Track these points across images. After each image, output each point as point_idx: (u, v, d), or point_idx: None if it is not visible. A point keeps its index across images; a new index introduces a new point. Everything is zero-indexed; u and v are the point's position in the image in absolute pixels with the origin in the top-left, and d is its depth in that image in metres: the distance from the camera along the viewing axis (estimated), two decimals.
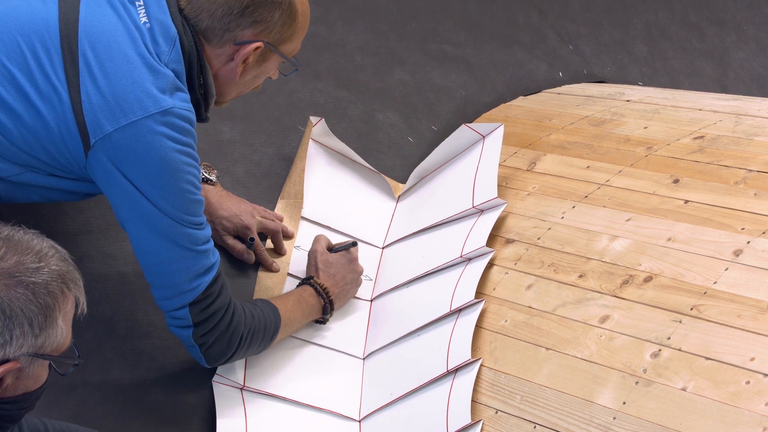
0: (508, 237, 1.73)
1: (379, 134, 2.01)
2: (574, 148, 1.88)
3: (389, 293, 1.77)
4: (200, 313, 1.44)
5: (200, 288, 1.42)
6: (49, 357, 1.10)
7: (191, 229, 1.39)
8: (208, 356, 1.48)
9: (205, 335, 1.45)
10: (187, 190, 1.37)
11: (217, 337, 1.46)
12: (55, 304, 1.08)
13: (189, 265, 1.41)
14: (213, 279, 1.43)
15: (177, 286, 1.41)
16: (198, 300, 1.43)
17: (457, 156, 1.89)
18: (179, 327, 1.45)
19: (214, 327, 1.45)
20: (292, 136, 1.91)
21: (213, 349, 1.47)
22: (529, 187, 1.82)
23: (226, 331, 1.46)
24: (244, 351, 1.51)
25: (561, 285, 1.59)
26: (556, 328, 1.54)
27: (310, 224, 1.82)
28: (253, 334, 1.51)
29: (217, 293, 1.44)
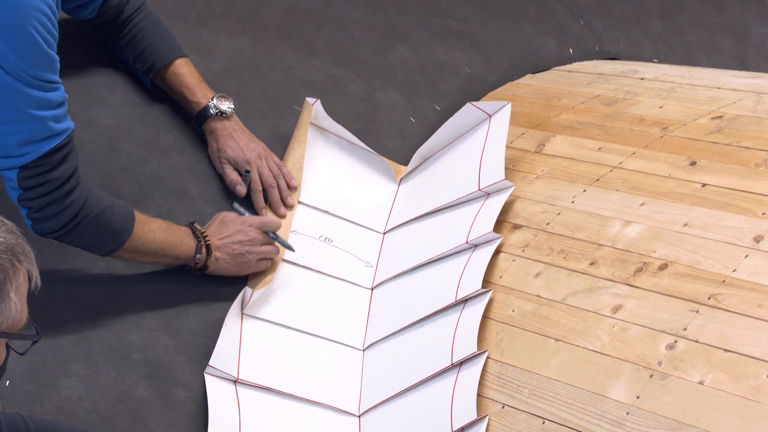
0: (516, 222, 1.73)
1: (380, 114, 2.01)
2: (585, 129, 1.89)
3: (391, 281, 1.77)
4: (30, 179, 1.41)
5: (31, 156, 1.39)
6: (5, 335, 1.09)
7: (32, 89, 1.35)
8: (34, 221, 1.46)
9: (33, 200, 1.43)
10: (33, 37, 1.33)
11: (46, 205, 1.44)
12: (5, 277, 1.07)
13: (21, 129, 1.37)
14: (54, 148, 1.40)
15: (3, 148, 1.38)
16: (29, 166, 1.40)
17: (461, 136, 1.89)
18: (9, 187, 1.44)
19: (44, 195, 1.43)
20: (288, 115, 1.91)
21: (40, 215, 1.45)
22: (538, 170, 1.82)
23: (59, 202, 1.44)
24: (76, 235, 1.48)
25: (571, 273, 1.59)
26: (566, 319, 1.54)
27: (308, 209, 1.83)
28: (93, 222, 1.48)
29: (56, 163, 1.41)
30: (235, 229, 1.67)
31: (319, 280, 1.77)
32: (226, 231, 1.66)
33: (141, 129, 1.75)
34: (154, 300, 1.62)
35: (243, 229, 1.67)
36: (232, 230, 1.66)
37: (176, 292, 1.65)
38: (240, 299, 1.66)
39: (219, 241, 1.66)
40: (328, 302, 1.75)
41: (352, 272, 1.80)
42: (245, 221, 1.68)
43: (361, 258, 1.83)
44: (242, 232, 1.67)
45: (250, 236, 1.68)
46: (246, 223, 1.68)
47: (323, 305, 1.74)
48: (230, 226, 1.67)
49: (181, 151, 1.77)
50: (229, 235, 1.66)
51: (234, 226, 1.67)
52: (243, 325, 1.65)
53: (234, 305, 1.64)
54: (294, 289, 1.74)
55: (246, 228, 1.68)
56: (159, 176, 1.73)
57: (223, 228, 1.67)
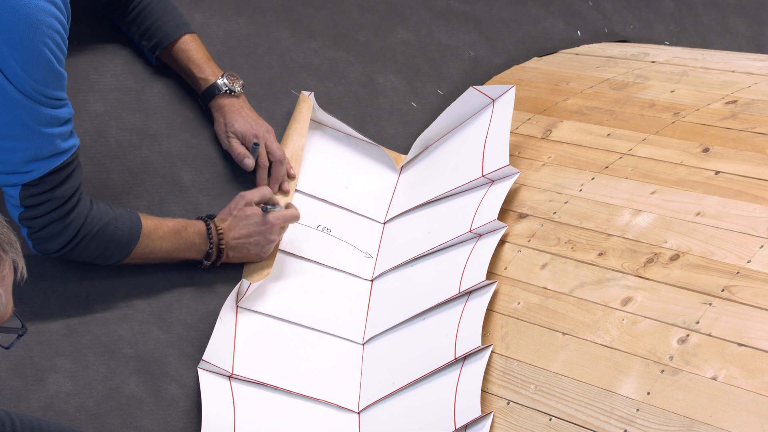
0: (521, 211, 1.73)
1: (380, 99, 2.01)
2: (593, 114, 1.89)
3: (391, 272, 1.77)
4: (32, 197, 1.44)
5: (36, 173, 1.41)
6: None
7: (42, 106, 1.37)
8: (35, 241, 1.49)
9: (35, 219, 1.45)
10: (45, 55, 1.35)
11: (48, 224, 1.46)
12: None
13: (28, 146, 1.39)
14: (59, 166, 1.42)
15: (8, 164, 1.40)
16: (33, 183, 1.42)
17: (464, 122, 1.90)
18: (10, 205, 1.46)
19: (46, 213, 1.46)
20: (284, 100, 1.91)
21: (42, 234, 1.47)
22: (544, 157, 1.82)
23: (60, 221, 1.47)
24: (80, 252, 1.52)
25: (579, 264, 1.59)
26: (573, 311, 1.54)
27: (306, 197, 1.83)
28: (96, 238, 1.51)
29: (60, 181, 1.44)
30: (256, 229, 1.66)
31: (317, 271, 1.77)
32: (245, 230, 1.65)
33: (131, 114, 1.75)
34: (145, 292, 1.62)
35: (264, 230, 1.67)
36: (252, 231, 1.66)
37: (169, 284, 1.65)
38: (235, 291, 1.66)
39: (234, 241, 1.66)
40: (326, 294, 1.75)
41: (352, 263, 1.80)
42: (268, 220, 1.67)
43: (360, 248, 1.83)
44: (263, 234, 1.67)
45: (270, 238, 1.68)
46: (269, 224, 1.67)
47: (321, 298, 1.74)
48: (251, 225, 1.66)
49: (173, 137, 1.77)
50: (247, 236, 1.66)
51: (256, 226, 1.66)
52: (238, 319, 1.65)
53: (229, 298, 1.64)
54: (291, 281, 1.74)
55: (267, 229, 1.67)
56: (150, 163, 1.73)
57: (242, 225, 1.66)
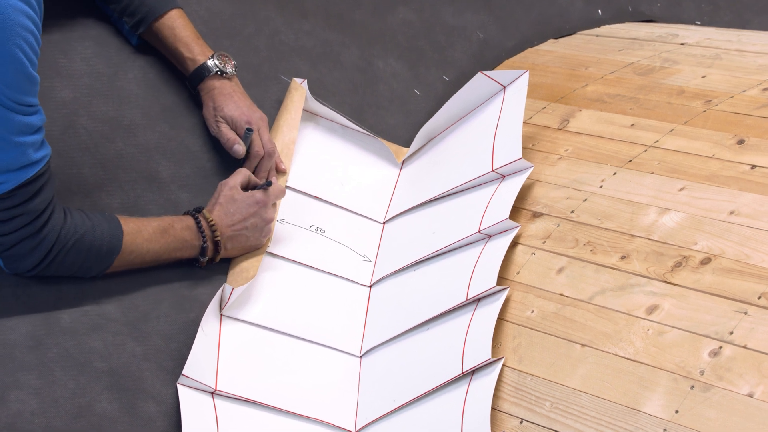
0: (536, 210, 1.73)
1: (379, 86, 2.01)
2: (615, 102, 1.89)
3: (392, 277, 1.78)
4: (2, 212, 1.44)
5: (6, 186, 1.42)
6: None
7: (13, 113, 1.38)
8: (6, 260, 1.50)
9: (5, 236, 1.46)
10: (18, 58, 1.36)
11: (19, 241, 1.47)
12: None
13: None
14: (31, 178, 1.43)
15: None
16: (2, 198, 1.43)
17: (472, 111, 1.90)
18: None
19: (17, 230, 1.46)
20: (273, 88, 1.91)
21: (14, 252, 1.48)
22: (561, 150, 1.82)
23: (33, 237, 1.47)
24: (56, 268, 1.53)
25: (599, 268, 1.60)
26: (593, 321, 1.54)
27: (297, 195, 1.84)
28: (72, 252, 1.52)
29: (32, 194, 1.45)
30: (249, 211, 1.68)
31: (309, 276, 1.77)
32: (238, 215, 1.67)
33: (103, 102, 1.74)
34: (119, 299, 1.62)
35: (258, 211, 1.69)
36: (246, 214, 1.68)
37: (145, 290, 1.65)
38: (218, 298, 1.66)
39: (230, 230, 1.67)
40: (319, 302, 1.75)
41: (348, 267, 1.80)
42: (258, 199, 1.69)
43: (357, 251, 1.83)
44: (258, 215, 1.69)
45: (267, 217, 1.70)
46: (260, 202, 1.69)
47: (314, 305, 1.75)
48: (243, 208, 1.68)
49: (150, 127, 1.77)
50: (242, 220, 1.67)
51: (248, 208, 1.68)
52: (222, 328, 1.66)
53: (211, 305, 1.64)
54: (280, 287, 1.74)
55: (261, 208, 1.69)
56: (124, 157, 1.73)
57: (233, 210, 1.67)
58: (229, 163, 1.79)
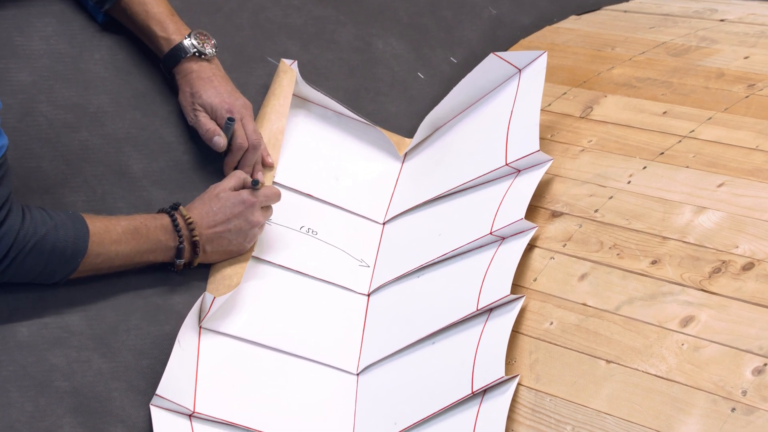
0: (555, 209, 1.73)
1: (379, 69, 2.00)
2: (645, 87, 1.88)
3: (393, 285, 1.78)
4: None
5: None
6: None
7: None
8: None
9: None
10: None
11: None
12: None
13: None
14: None
15: None
16: None
17: (484, 97, 1.90)
18: None
19: None
20: (258, 71, 1.91)
21: None
22: (584, 141, 1.82)
23: None
24: (14, 272, 1.53)
25: (627, 274, 1.59)
26: (620, 334, 1.53)
27: (286, 192, 1.83)
28: (31, 255, 1.52)
29: None
30: (233, 211, 1.68)
31: (299, 283, 1.77)
32: (220, 215, 1.68)
33: (66, 87, 1.74)
34: (83, 309, 1.62)
35: (243, 211, 1.69)
36: (229, 214, 1.68)
37: (114, 299, 1.64)
38: (197, 308, 1.65)
39: (210, 231, 1.68)
40: (311, 312, 1.75)
41: (343, 274, 1.80)
42: (245, 199, 1.69)
43: (354, 255, 1.83)
44: (243, 216, 1.69)
45: (253, 220, 1.70)
46: (246, 202, 1.69)
47: (305, 316, 1.75)
48: (227, 208, 1.68)
49: (119, 116, 1.77)
50: (224, 221, 1.68)
51: (232, 207, 1.68)
52: (201, 342, 1.65)
53: (189, 316, 1.64)
54: (267, 296, 1.74)
55: (246, 209, 1.69)
56: (90, 149, 1.72)
57: (216, 209, 1.68)
58: (210, 157, 1.78)
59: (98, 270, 1.60)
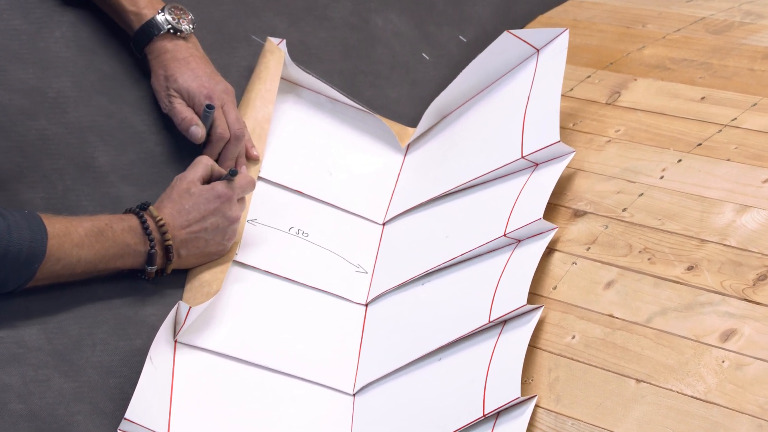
0: (577, 207, 1.73)
1: (378, 49, 2.01)
2: (681, 70, 1.89)
3: (393, 293, 1.79)
4: None
5: None
6: None
7: None
8: None
9: None
10: None
11: None
12: None
13: None
14: None
15: None
16: None
17: (497, 81, 1.91)
18: None
19: None
20: (242, 51, 1.92)
21: None
22: (611, 131, 1.82)
23: None
24: None
25: (659, 282, 1.59)
26: (651, 349, 1.53)
27: (273, 188, 1.85)
28: None
29: None
30: (208, 208, 1.68)
31: (288, 292, 1.78)
32: (195, 213, 1.68)
33: (22, 69, 1.74)
34: (42, 321, 1.61)
35: (220, 207, 1.69)
36: (205, 211, 1.68)
37: (76, 309, 1.64)
38: (171, 320, 1.65)
39: (184, 232, 1.68)
40: (301, 325, 1.75)
41: (338, 281, 1.81)
42: (220, 193, 1.69)
43: (350, 260, 1.84)
44: (220, 212, 1.69)
45: (231, 215, 1.70)
46: (222, 196, 1.69)
47: (295, 329, 1.75)
48: (201, 204, 1.68)
49: (82, 101, 1.76)
50: (199, 220, 1.68)
51: (207, 203, 1.68)
52: (176, 359, 1.66)
53: (162, 329, 1.63)
54: (252, 306, 1.74)
55: (223, 204, 1.69)
56: (50, 139, 1.72)
57: (189, 207, 1.68)
58: (187, 149, 1.78)
59: (58, 277, 1.60)
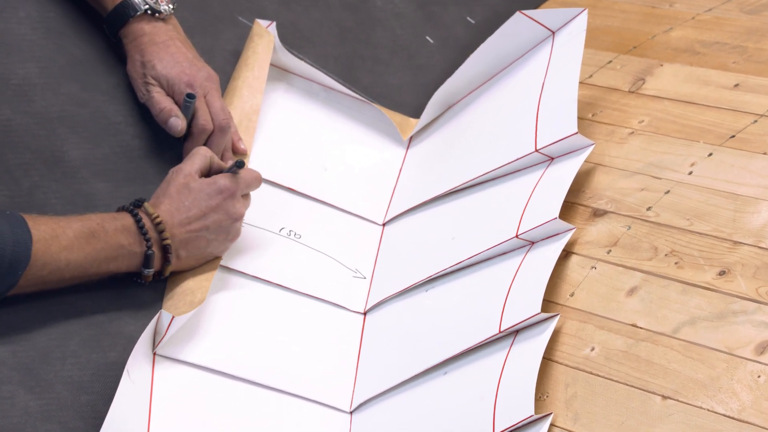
0: (596, 206, 1.74)
1: (377, 31, 2.02)
2: (712, 54, 1.90)
3: (394, 301, 1.79)
4: None
5: None
6: None
7: None
8: None
9: None
10: None
11: None
12: None
13: None
14: None
15: None
16: None
17: (508, 66, 1.92)
18: None
19: None
20: (227, 33, 1.92)
21: None
22: (634, 122, 1.83)
23: None
24: None
25: (688, 288, 1.59)
26: (679, 362, 1.53)
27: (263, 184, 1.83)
28: None
29: None
30: (210, 204, 1.69)
31: (279, 299, 1.78)
32: (195, 210, 1.68)
33: None
34: (5, 331, 1.61)
35: (222, 203, 1.69)
36: (206, 207, 1.69)
37: (44, 318, 1.64)
38: (150, 331, 1.65)
39: (184, 231, 1.68)
40: (294, 336, 1.76)
41: (333, 287, 1.82)
42: (223, 187, 1.70)
43: (347, 264, 1.85)
44: (223, 209, 1.70)
45: (235, 213, 1.71)
46: (226, 191, 1.70)
47: (286, 341, 1.75)
48: (201, 199, 1.69)
49: (51, 89, 1.77)
50: (200, 217, 1.68)
51: (208, 199, 1.69)
52: (156, 373, 1.66)
53: (140, 341, 1.63)
54: (239, 315, 1.75)
55: (226, 199, 1.70)
56: (14, 131, 1.72)
57: (189, 204, 1.68)
58: (167, 142, 1.78)
59: (45, 284, 1.59)
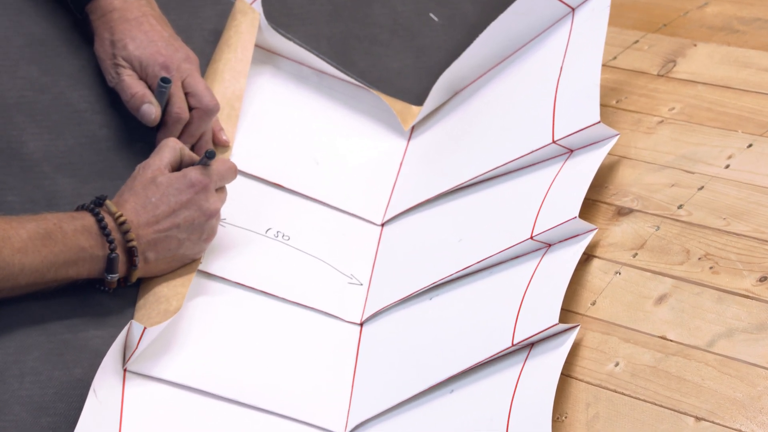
0: (622, 204, 1.73)
1: (374, 9, 2.04)
2: (753, 32, 1.91)
3: (394, 310, 1.80)
4: None
5: None
6: None
7: None
8: None
9: None
10: None
11: None
12: None
13: None
14: None
15: None
16: None
17: (522, 48, 1.92)
18: None
19: None
20: (207, 11, 1.94)
21: None
22: (664, 109, 1.83)
23: None
24: None
25: (724, 296, 1.59)
26: (714, 379, 1.53)
27: (246, 180, 1.87)
28: None
29: None
30: (180, 199, 1.69)
31: (265, 309, 1.78)
32: (164, 206, 1.68)
33: None
34: None
35: (195, 198, 1.70)
36: (176, 203, 1.69)
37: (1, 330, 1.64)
38: (120, 343, 1.65)
39: (151, 231, 1.68)
40: (282, 349, 1.76)
41: (326, 295, 1.82)
42: (194, 180, 1.70)
43: (341, 270, 1.85)
44: (195, 204, 1.70)
45: (209, 208, 1.71)
46: (197, 185, 1.70)
47: (273, 355, 1.75)
48: (170, 194, 1.69)
49: (8, 72, 1.77)
50: (170, 214, 1.69)
51: (177, 194, 1.69)
52: (126, 391, 1.65)
53: (109, 355, 1.63)
54: (220, 326, 1.75)
55: (198, 194, 1.70)
56: None
57: (156, 200, 1.69)
58: (138, 131, 1.79)
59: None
